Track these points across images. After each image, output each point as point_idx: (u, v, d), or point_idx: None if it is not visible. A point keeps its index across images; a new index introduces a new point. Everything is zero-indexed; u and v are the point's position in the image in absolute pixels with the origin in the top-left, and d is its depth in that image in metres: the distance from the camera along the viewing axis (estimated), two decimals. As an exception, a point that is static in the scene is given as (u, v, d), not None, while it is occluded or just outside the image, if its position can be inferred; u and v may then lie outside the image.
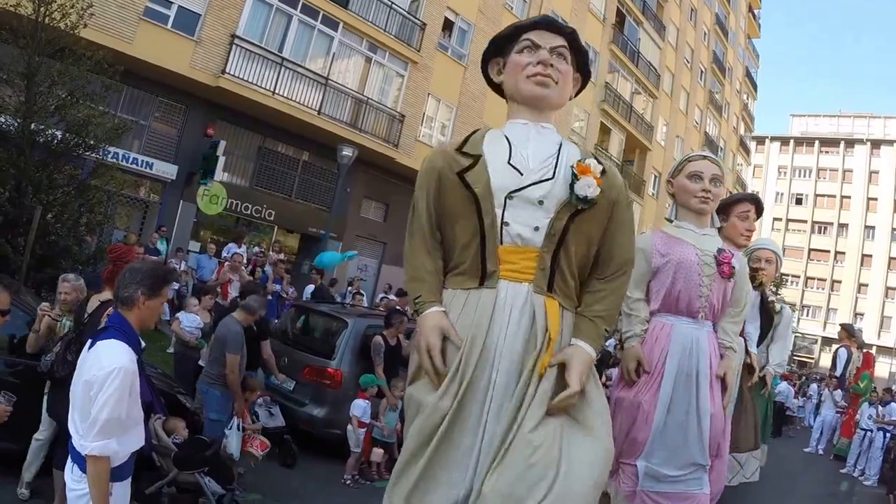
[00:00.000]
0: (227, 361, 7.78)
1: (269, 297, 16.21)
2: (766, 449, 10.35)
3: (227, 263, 16.08)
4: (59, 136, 10.93)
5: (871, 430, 15.65)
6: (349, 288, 18.33)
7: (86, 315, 5.56)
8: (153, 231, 19.54)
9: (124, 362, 3.56)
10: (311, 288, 17.43)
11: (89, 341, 3.76)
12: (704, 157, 5.08)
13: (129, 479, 3.81)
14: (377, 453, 9.50)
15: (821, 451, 19.01)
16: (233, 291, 14.32)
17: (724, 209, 6.80)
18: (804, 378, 33.76)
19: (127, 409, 3.59)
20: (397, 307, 15.09)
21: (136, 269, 3.88)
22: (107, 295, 5.64)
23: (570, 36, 3.30)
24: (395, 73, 26.50)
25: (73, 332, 5.56)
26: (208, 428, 7.63)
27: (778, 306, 9.05)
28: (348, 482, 9.11)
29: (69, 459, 3.69)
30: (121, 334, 3.67)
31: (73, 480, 3.64)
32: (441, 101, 28.82)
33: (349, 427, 9.31)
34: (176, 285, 16.55)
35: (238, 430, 7.66)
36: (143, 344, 3.95)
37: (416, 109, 27.35)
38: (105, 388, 3.48)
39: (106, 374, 3.48)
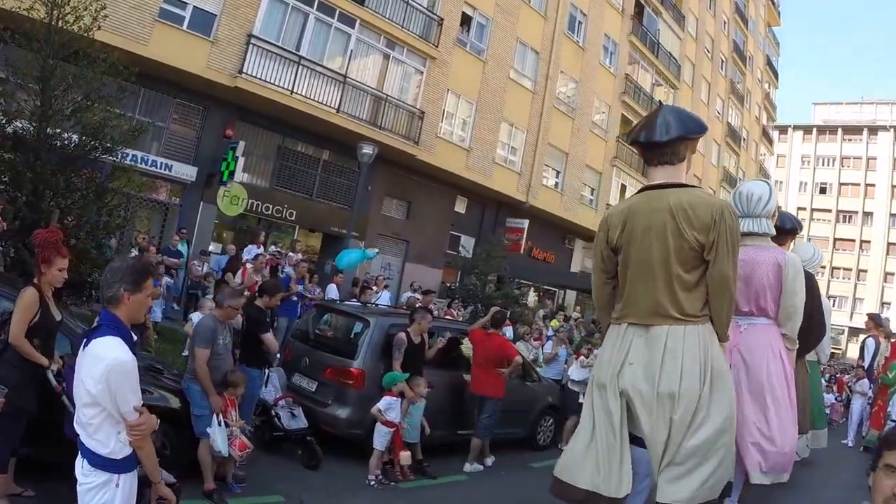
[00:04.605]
0: (195, 355, 7.69)
1: (295, 297, 16.15)
2: (823, 434, 12.23)
3: (249, 265, 15.97)
4: (76, 140, 10.84)
5: (902, 421, 15.33)
6: (355, 288, 18.16)
7: None
8: (174, 233, 19.45)
9: (124, 353, 3.72)
10: (333, 288, 17.32)
11: (84, 340, 3.88)
12: None
13: (136, 471, 3.93)
14: (405, 457, 9.36)
15: (850, 444, 18.75)
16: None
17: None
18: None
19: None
20: (420, 305, 14.99)
21: (116, 267, 3.98)
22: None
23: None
24: (414, 69, 26.42)
25: None
26: (194, 424, 7.51)
27: None
28: (372, 483, 8.98)
29: (79, 455, 3.80)
30: (113, 330, 3.78)
31: (83, 474, 3.76)
32: (461, 97, 28.71)
33: (377, 424, 9.21)
34: (171, 280, 16.54)
35: (221, 426, 7.46)
36: (136, 337, 4.09)
37: (436, 106, 27.29)
38: (121, 379, 3.67)
39: (109, 367, 3.62)
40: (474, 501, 9.40)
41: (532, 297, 34.54)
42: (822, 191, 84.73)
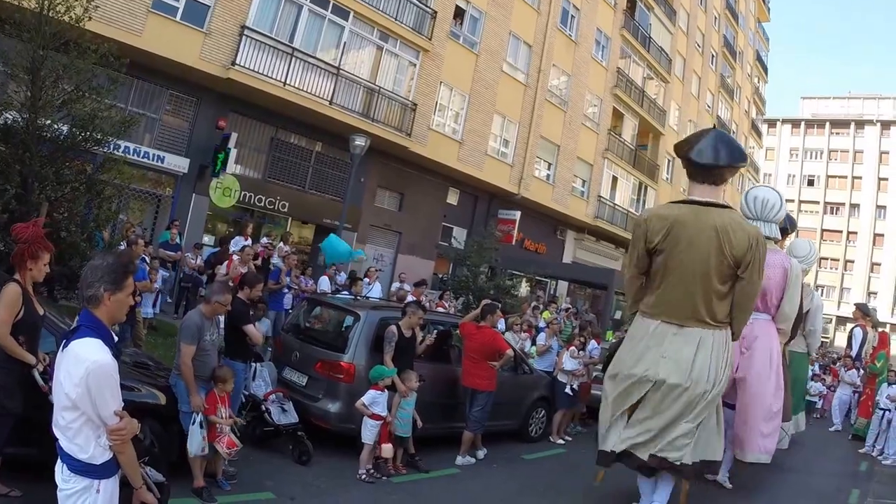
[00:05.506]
0: (180, 351, 7.61)
1: (286, 290, 16.09)
2: (801, 418, 13.14)
3: (235, 257, 15.89)
4: (66, 131, 10.74)
5: (890, 410, 15.48)
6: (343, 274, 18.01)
7: None
8: (168, 226, 19.29)
9: (104, 355, 3.62)
10: (325, 280, 17.21)
11: (63, 341, 3.77)
12: None
13: (118, 475, 3.84)
14: (387, 449, 9.34)
15: (838, 428, 18.96)
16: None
17: None
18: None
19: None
20: (412, 297, 14.94)
21: (96, 266, 3.83)
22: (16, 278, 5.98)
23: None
24: (408, 62, 26.33)
25: None
26: (182, 420, 7.44)
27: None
28: (363, 477, 8.98)
29: (59, 460, 3.72)
30: (93, 332, 3.68)
31: (63, 480, 3.69)
32: (453, 90, 28.66)
33: (364, 417, 9.20)
34: (166, 273, 16.46)
35: (200, 426, 7.36)
36: (117, 338, 3.98)
37: (429, 98, 27.24)
38: (101, 382, 3.58)
39: (88, 370, 3.53)
40: (467, 494, 9.40)
41: (524, 288, 34.51)
42: (810, 183, 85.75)
